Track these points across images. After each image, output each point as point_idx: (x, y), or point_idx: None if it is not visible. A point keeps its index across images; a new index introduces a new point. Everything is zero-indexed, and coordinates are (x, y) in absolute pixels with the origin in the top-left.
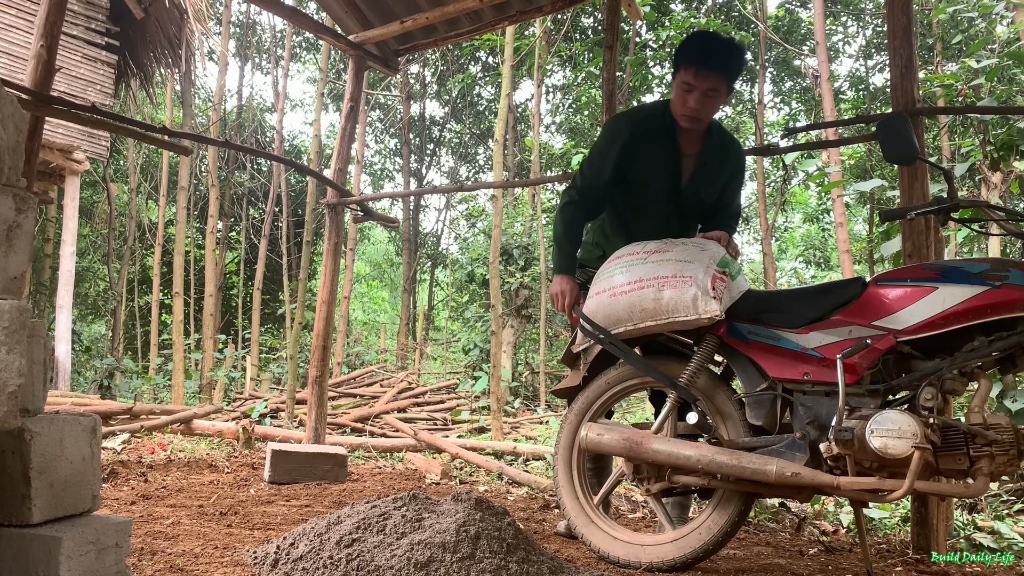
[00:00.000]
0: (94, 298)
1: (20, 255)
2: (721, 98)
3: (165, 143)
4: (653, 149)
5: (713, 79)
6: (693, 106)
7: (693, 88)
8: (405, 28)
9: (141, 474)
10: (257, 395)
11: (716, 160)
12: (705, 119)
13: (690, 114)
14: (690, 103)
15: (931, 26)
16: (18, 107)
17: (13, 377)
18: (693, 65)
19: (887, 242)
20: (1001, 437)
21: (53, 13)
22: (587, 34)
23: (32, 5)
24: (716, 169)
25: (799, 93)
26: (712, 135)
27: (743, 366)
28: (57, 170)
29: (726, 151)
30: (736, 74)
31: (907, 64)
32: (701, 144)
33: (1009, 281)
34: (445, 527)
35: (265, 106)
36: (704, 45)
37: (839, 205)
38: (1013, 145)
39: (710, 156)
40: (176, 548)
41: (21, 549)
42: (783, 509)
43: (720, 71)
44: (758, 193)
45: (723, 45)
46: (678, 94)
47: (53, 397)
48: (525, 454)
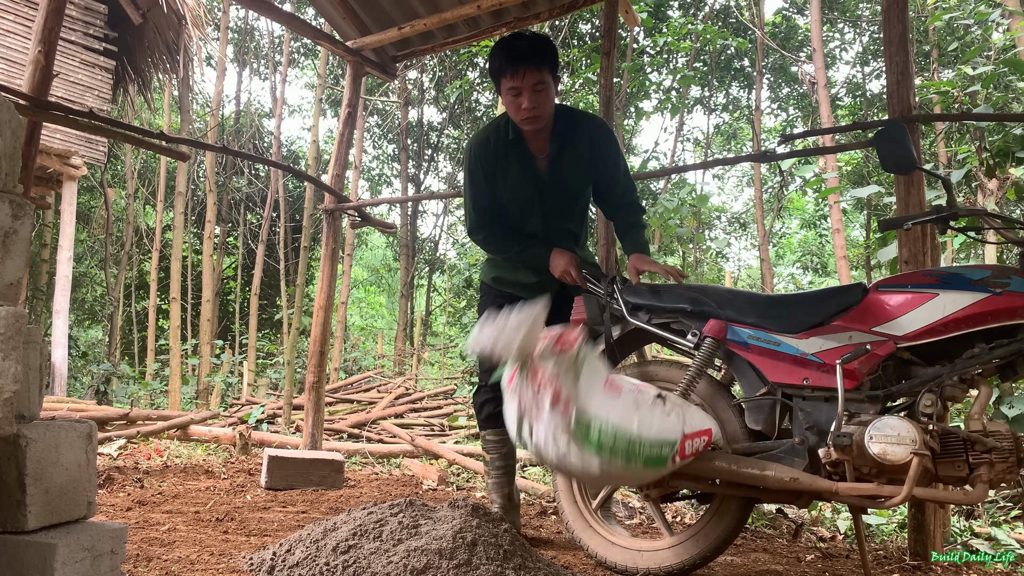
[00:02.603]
0: (91, 303)
1: (17, 261)
2: (550, 89)
3: (163, 148)
4: (506, 165)
5: (533, 73)
6: (527, 106)
7: (519, 90)
8: (403, 34)
9: (137, 480)
10: (254, 401)
11: (571, 147)
12: (545, 114)
13: (527, 115)
14: (523, 104)
15: (927, 33)
16: (15, 113)
17: (9, 383)
18: (508, 67)
19: (884, 248)
20: (1000, 444)
21: (51, 19)
22: (585, 40)
23: (30, 11)
24: (573, 157)
25: (796, 99)
26: (558, 126)
27: (743, 371)
28: (54, 175)
29: (579, 133)
30: (553, 61)
31: (903, 71)
32: (550, 140)
33: (1010, 288)
34: (442, 534)
35: (263, 111)
36: (511, 45)
37: (836, 211)
38: (1009, 152)
39: (563, 146)
40: (172, 555)
41: (16, 556)
42: (780, 515)
43: (535, 63)
44: (755, 199)
45: (527, 40)
46: (509, 102)
47: (49, 402)
48: (522, 460)
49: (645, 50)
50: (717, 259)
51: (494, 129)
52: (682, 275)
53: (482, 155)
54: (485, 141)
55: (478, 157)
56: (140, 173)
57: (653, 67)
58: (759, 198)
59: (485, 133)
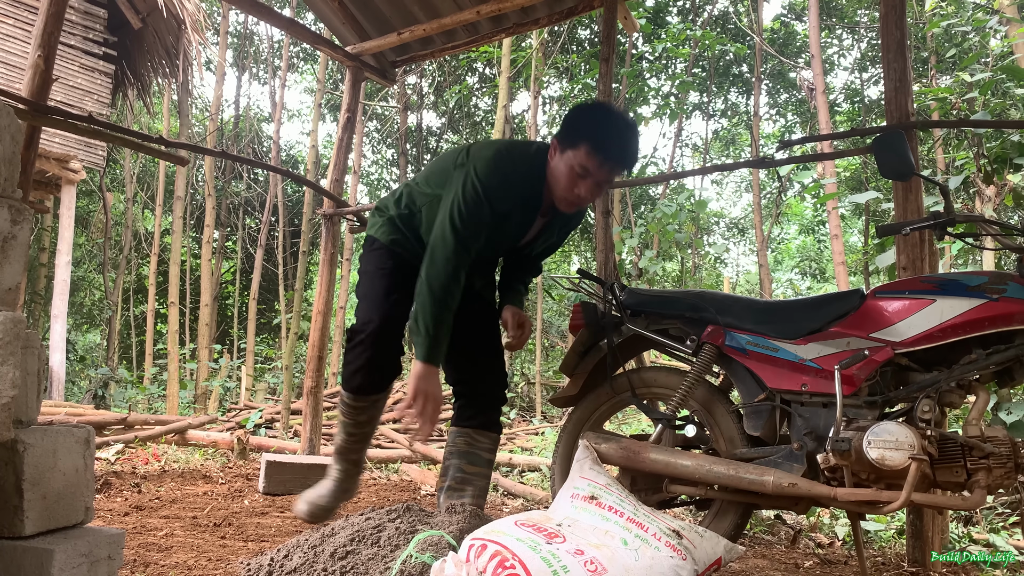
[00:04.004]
0: (89, 307)
1: (15, 266)
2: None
3: (162, 153)
4: (520, 214)
5: (616, 171)
6: (583, 195)
7: (590, 176)
8: (402, 40)
9: (135, 485)
10: (252, 405)
11: (563, 222)
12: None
13: (577, 202)
14: (581, 191)
15: (925, 40)
16: (14, 118)
17: (7, 389)
18: (602, 156)
19: (882, 254)
20: (998, 450)
21: (51, 23)
22: (584, 46)
23: (30, 15)
24: (558, 230)
25: (794, 105)
26: None
27: (741, 377)
28: (53, 179)
29: (576, 216)
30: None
31: (901, 78)
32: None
33: (1007, 294)
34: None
35: (262, 116)
36: (622, 136)
37: (834, 217)
38: (1007, 158)
39: (558, 220)
40: (169, 560)
41: (13, 561)
42: (779, 521)
43: (628, 165)
44: (754, 204)
45: (635, 135)
46: (569, 176)
47: (47, 407)
48: (521, 465)
49: (644, 56)
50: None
51: (529, 174)
52: (516, 348)
53: (507, 196)
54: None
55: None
56: (139, 177)
57: (652, 73)
58: (757, 203)
59: (519, 172)
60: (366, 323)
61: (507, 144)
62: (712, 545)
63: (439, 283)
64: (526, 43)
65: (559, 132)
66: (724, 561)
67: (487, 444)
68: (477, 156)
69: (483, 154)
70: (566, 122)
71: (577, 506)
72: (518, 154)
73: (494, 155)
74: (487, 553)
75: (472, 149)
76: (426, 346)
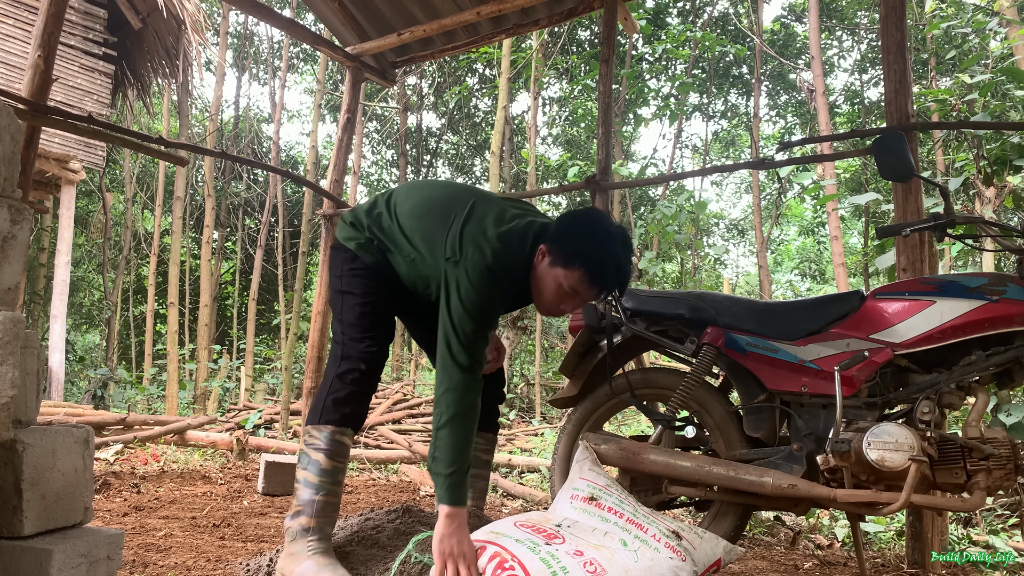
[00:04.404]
0: (89, 308)
1: (15, 266)
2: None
3: (161, 153)
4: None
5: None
6: (568, 311)
7: (579, 297)
8: (402, 40)
9: (134, 485)
10: (251, 406)
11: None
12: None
13: (557, 313)
14: (566, 308)
15: (925, 41)
16: (14, 118)
17: (6, 389)
18: (598, 287)
19: (882, 256)
20: (998, 451)
21: (51, 24)
22: (584, 47)
23: (30, 15)
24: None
25: (794, 106)
26: None
27: (741, 378)
28: (53, 180)
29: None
30: None
31: (901, 79)
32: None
33: (1007, 296)
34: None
35: (262, 117)
36: (619, 264)
37: (834, 218)
38: (1007, 160)
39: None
40: (168, 560)
41: (12, 562)
42: (778, 523)
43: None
44: (754, 206)
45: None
46: (557, 292)
47: (46, 407)
48: (520, 466)
49: (644, 57)
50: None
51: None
52: None
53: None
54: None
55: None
56: (139, 177)
57: (652, 74)
58: (757, 205)
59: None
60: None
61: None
62: (711, 546)
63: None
64: (526, 44)
65: (553, 239)
66: (724, 562)
67: (484, 445)
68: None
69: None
70: (561, 234)
71: (576, 507)
72: (512, 260)
73: (490, 269)
74: (487, 554)
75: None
76: (448, 486)
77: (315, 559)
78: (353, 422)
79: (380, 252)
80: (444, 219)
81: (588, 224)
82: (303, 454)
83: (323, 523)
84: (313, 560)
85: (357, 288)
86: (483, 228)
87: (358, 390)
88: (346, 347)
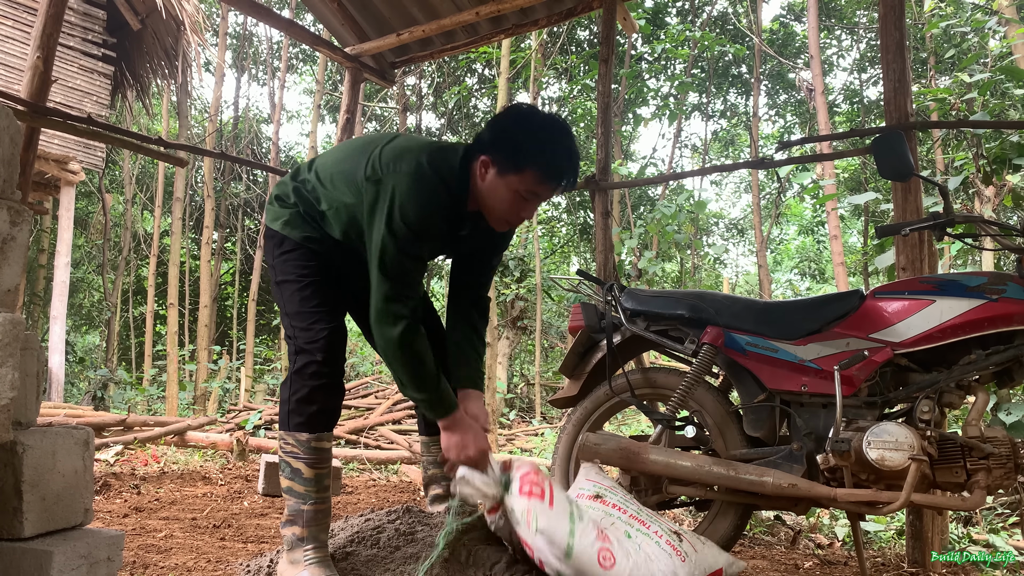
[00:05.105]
0: (88, 309)
1: (14, 267)
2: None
3: (161, 154)
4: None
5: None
6: (526, 216)
7: (537, 199)
8: (402, 41)
9: (134, 486)
10: (251, 407)
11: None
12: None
13: (516, 223)
14: (524, 213)
15: (924, 40)
16: (13, 119)
17: (6, 390)
18: (555, 181)
19: (881, 255)
20: (998, 450)
21: (50, 25)
22: (583, 47)
23: (29, 16)
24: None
25: (794, 106)
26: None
27: (741, 377)
28: (52, 181)
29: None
30: None
31: (900, 78)
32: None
33: (1006, 295)
34: (438, 541)
35: (261, 117)
36: (569, 153)
37: (833, 218)
38: (1006, 159)
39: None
40: (169, 562)
41: (12, 563)
42: (779, 522)
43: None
44: (753, 205)
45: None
46: (512, 201)
47: (46, 408)
48: None
49: (643, 57)
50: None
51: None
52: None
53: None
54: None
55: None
56: (138, 178)
57: (651, 74)
58: (757, 204)
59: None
60: (312, 347)
61: (426, 155)
62: (714, 556)
63: (398, 344)
64: (525, 44)
65: (492, 148)
66: (725, 574)
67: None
68: (394, 174)
69: (402, 171)
70: (501, 140)
71: (583, 503)
72: (441, 167)
73: (415, 177)
74: (528, 466)
75: (384, 157)
76: (429, 405)
77: (311, 570)
78: (325, 421)
79: (310, 221)
80: (363, 154)
81: (524, 121)
82: (283, 462)
83: (316, 531)
84: (309, 571)
85: (291, 273)
86: (407, 144)
87: (320, 383)
88: (297, 340)
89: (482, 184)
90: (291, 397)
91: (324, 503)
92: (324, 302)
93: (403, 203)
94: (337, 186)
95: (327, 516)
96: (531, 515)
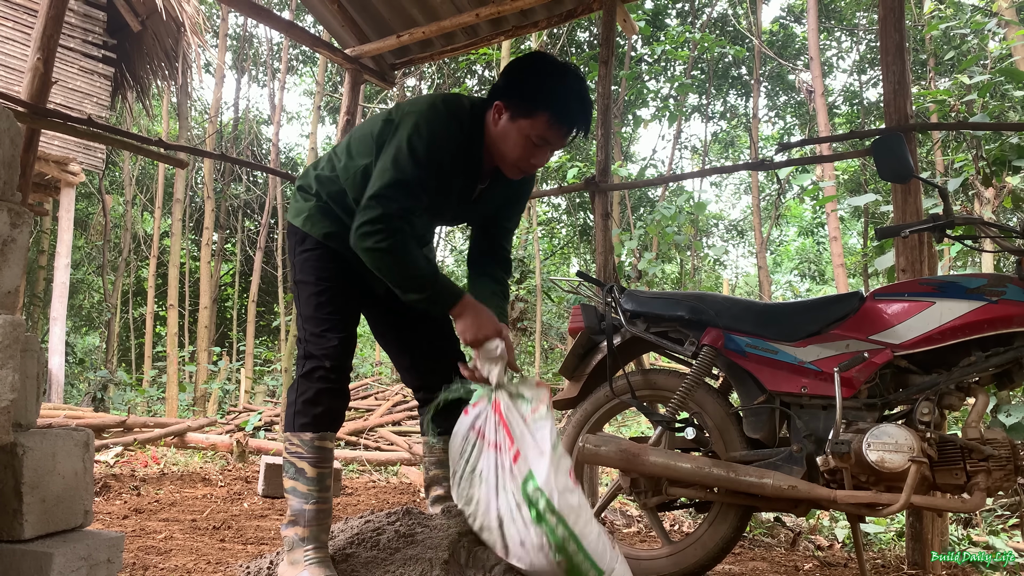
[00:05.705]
0: (88, 310)
1: (14, 269)
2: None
3: (161, 155)
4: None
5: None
6: (539, 164)
7: (549, 145)
8: (401, 42)
9: (134, 488)
10: (251, 408)
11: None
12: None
13: (529, 170)
14: (537, 161)
15: (924, 42)
16: (14, 121)
17: (6, 392)
18: (567, 126)
19: (881, 256)
20: (998, 452)
21: (50, 26)
22: (583, 48)
23: (29, 18)
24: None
25: (793, 107)
26: None
27: (741, 379)
28: (52, 182)
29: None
30: None
31: (900, 80)
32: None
33: (1006, 297)
34: (437, 542)
35: (261, 118)
36: (581, 98)
37: (833, 219)
38: (1006, 160)
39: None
40: (168, 563)
41: (12, 565)
42: (779, 524)
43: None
44: (753, 206)
45: (587, 87)
46: (524, 146)
47: (46, 410)
48: None
49: (643, 58)
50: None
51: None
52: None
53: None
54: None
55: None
56: (138, 180)
57: (651, 75)
58: (757, 206)
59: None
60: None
61: (442, 98)
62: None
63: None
64: (525, 46)
65: (506, 94)
66: None
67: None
68: (412, 110)
69: (418, 107)
70: (514, 85)
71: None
72: (456, 109)
73: (430, 108)
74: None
75: (403, 105)
76: (433, 301)
77: (311, 570)
78: (330, 422)
79: (331, 213)
80: (381, 116)
81: (537, 66)
82: (287, 463)
83: (317, 531)
84: (309, 571)
85: (310, 275)
86: (421, 96)
87: (327, 387)
88: (308, 344)
89: (495, 130)
90: (297, 399)
91: (326, 503)
92: (338, 310)
93: (412, 135)
94: (354, 153)
95: (328, 516)
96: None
